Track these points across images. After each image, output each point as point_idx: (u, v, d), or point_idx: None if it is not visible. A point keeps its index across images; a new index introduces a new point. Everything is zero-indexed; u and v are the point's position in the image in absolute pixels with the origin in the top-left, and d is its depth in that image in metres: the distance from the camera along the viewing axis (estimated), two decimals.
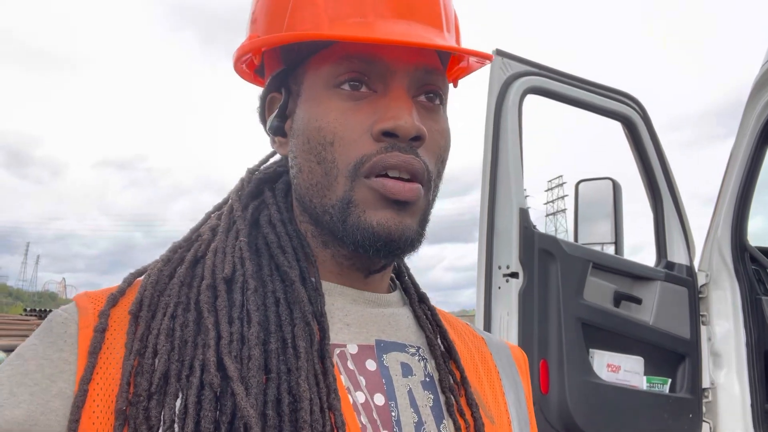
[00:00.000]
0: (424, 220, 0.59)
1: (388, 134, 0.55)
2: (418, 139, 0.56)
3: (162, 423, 0.48)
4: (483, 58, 0.61)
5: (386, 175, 0.55)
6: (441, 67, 0.61)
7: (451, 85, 0.67)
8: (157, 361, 0.51)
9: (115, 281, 0.60)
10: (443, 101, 0.61)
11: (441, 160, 0.60)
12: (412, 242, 0.57)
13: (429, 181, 0.58)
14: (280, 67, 0.63)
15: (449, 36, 0.61)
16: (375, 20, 0.56)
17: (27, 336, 0.53)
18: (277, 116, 0.63)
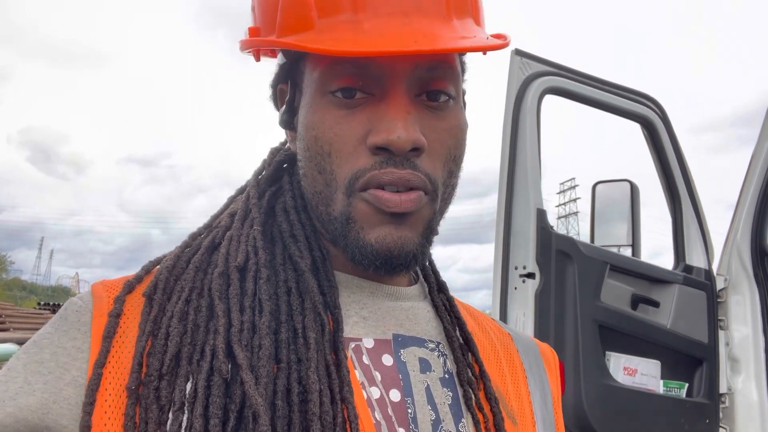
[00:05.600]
0: (428, 231, 0.56)
1: (382, 148, 0.52)
2: (416, 149, 0.53)
3: (172, 404, 0.48)
4: (494, 49, 0.54)
5: (383, 188, 0.53)
6: (449, 57, 0.55)
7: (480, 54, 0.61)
8: (169, 342, 0.51)
9: None
10: (454, 94, 0.56)
11: (452, 159, 0.56)
12: (414, 256, 0.54)
13: (434, 189, 0.55)
14: (283, 58, 0.61)
15: (460, 23, 0.54)
16: (366, 18, 0.52)
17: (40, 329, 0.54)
18: (286, 111, 0.61)
